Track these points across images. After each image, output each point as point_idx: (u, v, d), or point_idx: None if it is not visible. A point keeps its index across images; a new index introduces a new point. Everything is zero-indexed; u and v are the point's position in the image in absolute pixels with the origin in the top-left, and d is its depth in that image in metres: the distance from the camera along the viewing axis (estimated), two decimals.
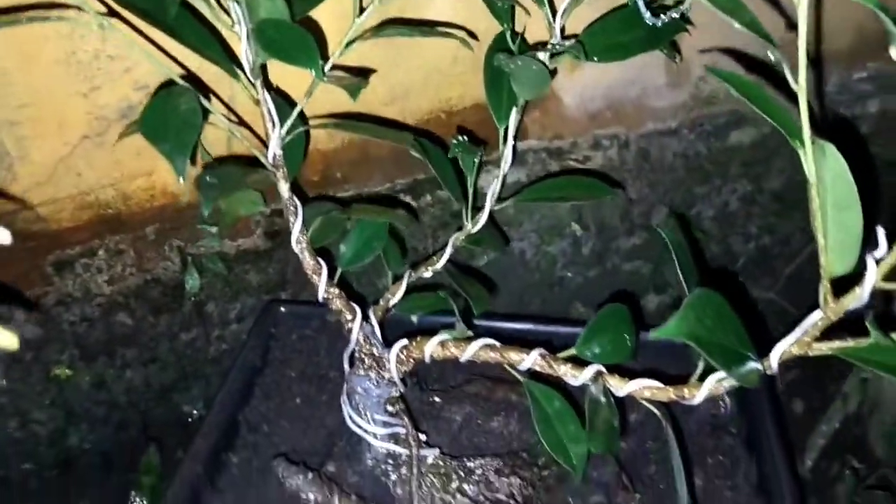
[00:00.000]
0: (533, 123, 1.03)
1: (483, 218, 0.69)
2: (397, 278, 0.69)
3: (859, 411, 1.03)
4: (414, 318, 0.79)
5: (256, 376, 0.84)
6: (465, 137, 0.66)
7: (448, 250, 0.69)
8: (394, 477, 0.64)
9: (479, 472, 0.65)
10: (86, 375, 1.01)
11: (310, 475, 0.64)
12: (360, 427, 0.63)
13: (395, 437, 0.63)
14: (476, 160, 0.67)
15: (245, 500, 0.72)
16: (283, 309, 0.90)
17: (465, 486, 0.64)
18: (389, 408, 0.63)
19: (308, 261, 0.61)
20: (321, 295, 0.62)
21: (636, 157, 1.09)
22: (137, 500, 0.97)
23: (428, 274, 0.70)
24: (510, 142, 0.69)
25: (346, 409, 0.64)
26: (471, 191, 0.68)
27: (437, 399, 0.74)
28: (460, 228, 0.70)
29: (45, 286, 0.94)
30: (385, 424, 0.63)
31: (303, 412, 0.80)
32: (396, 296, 0.67)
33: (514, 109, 0.68)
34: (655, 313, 1.21)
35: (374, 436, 0.63)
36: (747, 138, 1.11)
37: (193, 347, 1.05)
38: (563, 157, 1.05)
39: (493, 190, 0.69)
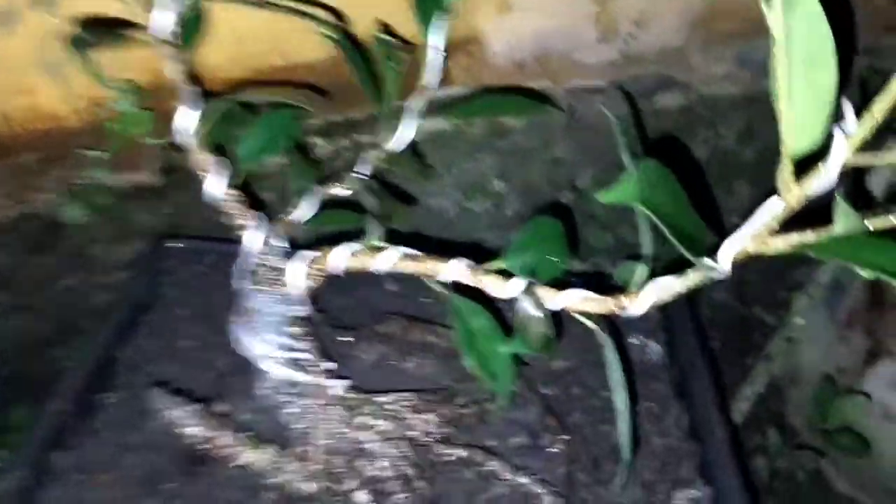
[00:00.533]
0: (458, 69, 0.97)
1: (405, 134, 0.62)
2: (305, 192, 0.61)
3: (779, 381, 1.01)
4: None
5: (141, 314, 0.75)
6: (388, 36, 0.60)
7: (362, 166, 0.62)
8: (293, 410, 0.56)
9: (391, 407, 0.58)
10: None
11: (192, 407, 0.56)
12: (254, 351, 0.55)
13: (297, 364, 0.56)
14: (397, 67, 0.60)
15: (118, 442, 0.63)
16: (174, 245, 0.81)
17: (376, 422, 0.57)
18: (291, 330, 0.55)
19: (197, 155, 0.53)
20: (213, 192, 0.54)
21: (563, 114, 1.04)
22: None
23: (339, 192, 0.62)
24: (436, 46, 0.62)
25: (238, 332, 0.56)
26: (388, 99, 0.61)
27: (347, 339, 0.67)
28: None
29: None
30: (285, 349, 0.55)
31: (191, 353, 0.72)
32: (303, 210, 0.60)
33: (440, 14, 0.61)
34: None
35: (271, 360, 0.55)
36: (674, 103, 1.08)
37: (74, 295, 0.94)
38: None
39: (417, 102, 0.62)
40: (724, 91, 1.07)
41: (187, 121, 0.51)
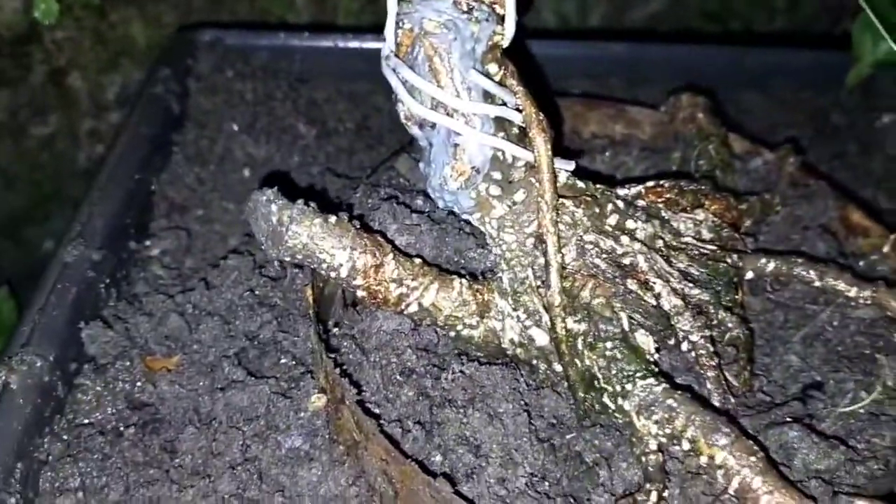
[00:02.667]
0: None
1: None
2: None
3: None
4: None
5: (172, 130, 0.50)
6: None
7: None
8: (499, 209, 0.33)
9: (642, 203, 0.36)
10: None
11: (332, 218, 0.32)
12: (434, 102, 0.31)
13: (501, 126, 0.32)
14: None
15: (187, 301, 0.40)
16: (205, 37, 0.56)
17: (630, 224, 0.34)
18: (491, 67, 0.32)
19: None
20: None
21: None
22: None
23: None
24: None
25: (399, 75, 0.32)
26: None
27: None
28: None
29: None
30: (484, 97, 0.32)
31: (265, 182, 0.48)
32: None
33: None
34: None
35: (465, 118, 0.31)
36: None
37: (53, 150, 0.69)
38: None
39: None
40: None
41: None
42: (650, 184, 0.37)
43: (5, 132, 0.67)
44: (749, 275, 0.36)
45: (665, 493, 0.29)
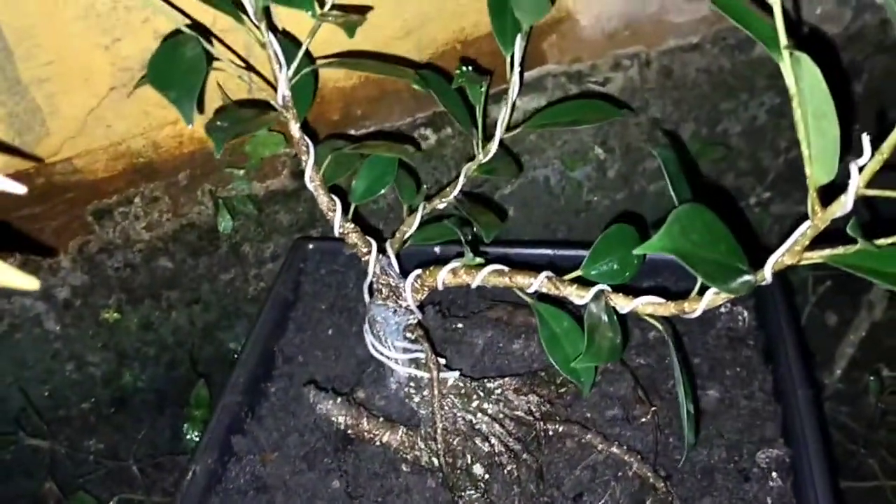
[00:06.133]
0: (551, 48, 1.02)
1: (494, 146, 0.70)
2: (413, 210, 0.71)
3: (888, 320, 1.03)
4: (437, 250, 0.82)
5: (289, 310, 0.88)
6: (469, 67, 0.67)
7: (460, 181, 0.71)
8: (417, 399, 0.67)
9: (498, 391, 0.68)
10: (134, 318, 1.07)
11: (338, 400, 0.68)
12: (382, 354, 0.66)
13: (415, 362, 0.66)
14: (482, 89, 0.68)
15: (283, 426, 0.76)
16: (311, 245, 0.93)
17: (485, 405, 0.67)
18: (408, 334, 0.66)
19: (322, 198, 0.63)
20: (337, 231, 0.64)
21: (658, 75, 1.08)
22: (190, 431, 1.03)
23: (442, 205, 0.72)
24: (517, 69, 0.70)
25: (369, 338, 0.67)
26: (480, 120, 0.69)
27: (459, 325, 0.77)
28: (472, 158, 0.72)
29: (86, 235, 0.98)
30: (405, 350, 0.66)
31: (334, 342, 0.84)
32: (412, 227, 0.70)
33: (519, 35, 0.68)
34: None
35: (396, 361, 0.66)
36: None
37: (233, 287, 1.09)
38: (583, 80, 1.05)
39: (502, 117, 0.70)
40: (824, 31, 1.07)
41: (311, 169, 0.62)
42: (507, 380, 0.69)
43: (205, 279, 1.08)
44: (552, 431, 0.68)
45: None
